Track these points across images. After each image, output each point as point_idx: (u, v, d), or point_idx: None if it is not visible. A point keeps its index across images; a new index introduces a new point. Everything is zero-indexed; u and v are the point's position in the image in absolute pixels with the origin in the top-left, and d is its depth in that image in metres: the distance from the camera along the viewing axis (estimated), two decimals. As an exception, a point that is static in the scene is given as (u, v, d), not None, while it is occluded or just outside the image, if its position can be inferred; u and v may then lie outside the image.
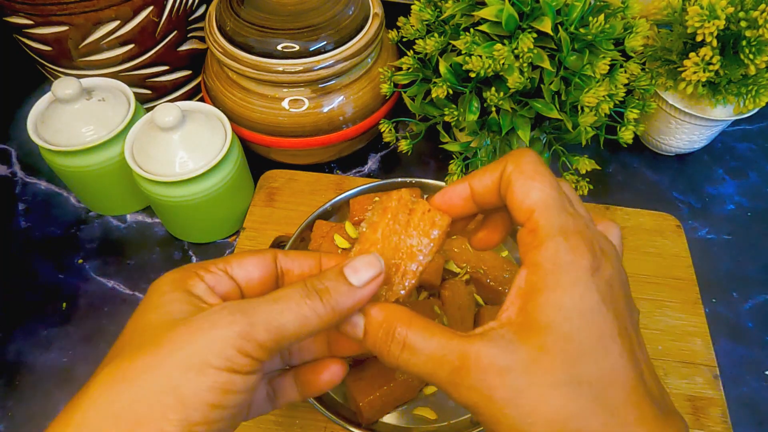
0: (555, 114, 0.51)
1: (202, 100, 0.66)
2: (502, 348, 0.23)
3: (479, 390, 0.23)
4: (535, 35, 0.49)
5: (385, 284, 0.28)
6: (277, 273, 0.29)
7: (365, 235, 0.29)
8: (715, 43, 0.52)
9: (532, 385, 0.22)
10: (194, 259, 0.61)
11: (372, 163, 0.69)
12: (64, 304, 0.57)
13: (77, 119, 0.54)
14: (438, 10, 0.56)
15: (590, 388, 0.22)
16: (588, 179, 0.57)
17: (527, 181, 0.25)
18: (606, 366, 0.22)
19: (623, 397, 0.22)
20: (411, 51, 0.57)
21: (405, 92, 0.59)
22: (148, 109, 0.62)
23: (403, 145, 0.61)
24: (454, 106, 0.55)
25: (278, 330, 0.24)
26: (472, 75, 0.50)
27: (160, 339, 0.23)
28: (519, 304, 0.24)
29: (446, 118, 0.55)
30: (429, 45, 0.54)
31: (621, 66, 0.54)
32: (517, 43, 0.48)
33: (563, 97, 0.52)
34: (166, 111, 0.51)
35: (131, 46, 0.59)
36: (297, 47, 0.56)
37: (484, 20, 0.50)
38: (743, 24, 0.51)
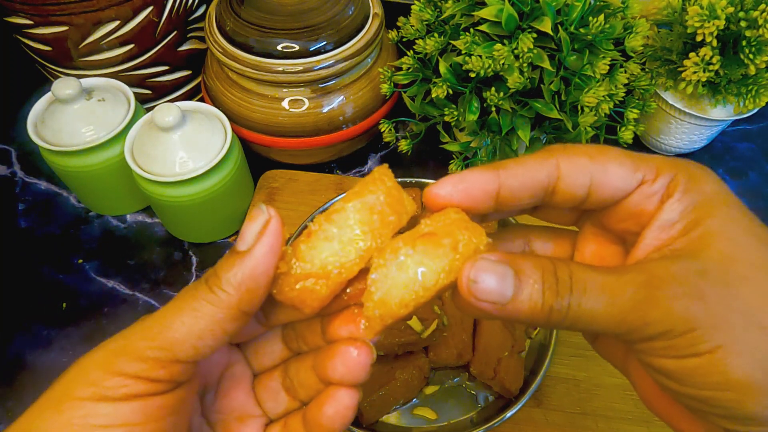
0: (555, 114, 0.51)
1: (202, 100, 0.66)
2: (685, 258, 0.21)
3: (684, 294, 0.20)
4: (535, 35, 0.49)
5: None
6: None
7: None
8: (715, 43, 0.52)
9: (739, 277, 0.20)
10: (194, 259, 0.61)
11: (372, 163, 0.69)
12: (64, 304, 0.57)
13: (77, 119, 0.54)
14: (438, 10, 0.56)
15: None
16: (588, 179, 0.57)
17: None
18: None
19: None
20: (411, 51, 0.57)
21: (405, 92, 0.59)
22: (148, 109, 0.62)
23: (403, 145, 0.61)
24: (454, 106, 0.55)
25: (163, 335, 0.20)
26: (472, 75, 0.50)
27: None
28: (673, 234, 0.22)
29: (446, 118, 0.55)
30: (429, 45, 0.54)
31: (621, 66, 0.54)
32: (517, 43, 0.48)
33: (563, 97, 0.52)
34: (166, 111, 0.51)
35: (131, 46, 0.59)
36: (297, 47, 0.56)
37: (484, 20, 0.50)
38: (743, 24, 0.51)
